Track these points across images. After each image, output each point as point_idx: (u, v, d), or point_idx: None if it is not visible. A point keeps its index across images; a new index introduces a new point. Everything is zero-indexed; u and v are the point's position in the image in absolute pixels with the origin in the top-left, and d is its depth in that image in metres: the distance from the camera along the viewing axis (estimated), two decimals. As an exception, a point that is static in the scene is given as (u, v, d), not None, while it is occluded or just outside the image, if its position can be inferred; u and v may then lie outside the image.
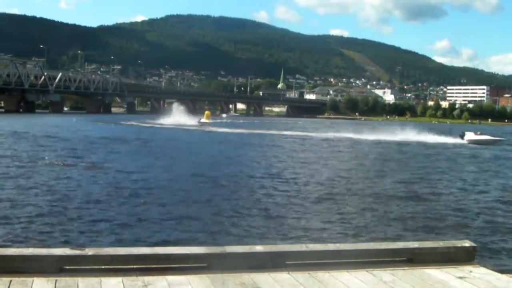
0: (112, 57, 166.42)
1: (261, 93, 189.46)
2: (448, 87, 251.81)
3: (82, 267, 3.74)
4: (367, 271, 4.08)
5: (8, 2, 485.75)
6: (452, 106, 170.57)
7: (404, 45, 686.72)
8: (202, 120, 63.61)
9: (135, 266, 3.82)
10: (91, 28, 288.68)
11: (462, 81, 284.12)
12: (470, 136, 42.16)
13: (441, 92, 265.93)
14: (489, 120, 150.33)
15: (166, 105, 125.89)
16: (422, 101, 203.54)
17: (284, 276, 3.88)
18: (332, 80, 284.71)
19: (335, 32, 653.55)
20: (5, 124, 43.29)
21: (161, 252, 4.00)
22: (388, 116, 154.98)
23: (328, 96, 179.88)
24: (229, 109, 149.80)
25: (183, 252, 4.05)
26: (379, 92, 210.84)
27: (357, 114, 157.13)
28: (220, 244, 6.11)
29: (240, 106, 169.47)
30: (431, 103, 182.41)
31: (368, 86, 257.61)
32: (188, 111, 77.21)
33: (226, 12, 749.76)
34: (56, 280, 3.53)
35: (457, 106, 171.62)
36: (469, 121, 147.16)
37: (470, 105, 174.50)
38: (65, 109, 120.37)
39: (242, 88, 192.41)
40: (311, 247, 4.50)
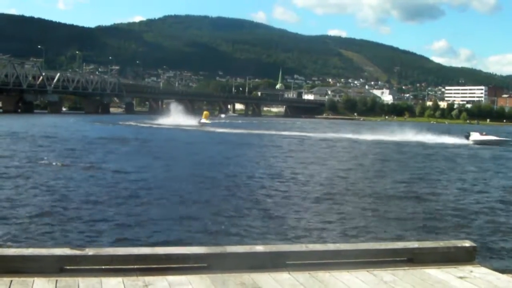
0: (110, 58, 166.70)
1: (259, 93, 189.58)
2: (446, 87, 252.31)
3: (83, 267, 3.74)
4: (367, 271, 4.08)
5: (6, 3, 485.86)
6: (451, 106, 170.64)
7: (402, 46, 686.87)
8: (203, 120, 63.70)
9: (135, 266, 3.82)
10: (89, 29, 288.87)
11: (460, 81, 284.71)
12: (475, 137, 41.55)
13: (439, 92, 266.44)
14: (487, 120, 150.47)
15: (164, 106, 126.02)
16: (420, 101, 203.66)
17: (284, 276, 3.88)
18: (330, 80, 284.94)
19: (333, 32, 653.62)
20: (3, 125, 43.24)
21: (161, 252, 4.00)
22: (387, 117, 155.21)
23: (327, 97, 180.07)
24: (227, 109, 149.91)
25: (184, 252, 4.05)
26: (377, 92, 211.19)
27: (355, 114, 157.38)
28: (220, 244, 6.10)
29: (239, 106, 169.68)
30: (429, 103, 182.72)
31: (367, 87, 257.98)
32: (186, 112, 77.25)
33: (224, 13, 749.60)
34: (56, 280, 3.53)
35: (455, 106, 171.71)
36: (468, 121, 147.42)
37: (468, 105, 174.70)
38: (64, 109, 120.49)
39: (241, 89, 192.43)
40: (311, 247, 4.50)
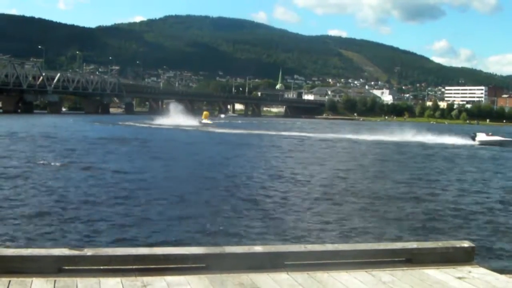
0: (110, 58, 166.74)
1: (259, 93, 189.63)
2: (446, 88, 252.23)
3: (81, 267, 3.73)
4: (366, 271, 4.07)
5: (7, 3, 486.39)
6: (450, 106, 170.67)
7: (402, 46, 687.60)
8: (204, 120, 64.31)
9: (134, 267, 3.81)
10: (89, 29, 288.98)
11: (460, 81, 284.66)
12: (481, 137, 41.17)
13: (439, 92, 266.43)
14: (487, 120, 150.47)
15: (164, 106, 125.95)
16: (420, 101, 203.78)
17: (283, 276, 3.88)
18: (330, 80, 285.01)
19: (333, 32, 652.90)
20: (3, 125, 43.25)
21: (160, 252, 4.00)
22: (386, 117, 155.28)
23: (327, 97, 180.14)
24: (227, 110, 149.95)
25: (182, 253, 4.04)
26: (377, 92, 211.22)
27: (355, 114, 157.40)
28: (219, 245, 6.12)
29: (238, 106, 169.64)
30: (429, 103, 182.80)
31: (366, 87, 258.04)
32: (186, 112, 77.29)
33: (225, 13, 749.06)
34: (55, 281, 3.53)
35: (455, 106, 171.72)
36: (467, 121, 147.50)
37: (468, 106, 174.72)
38: (63, 109, 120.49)
39: (241, 89, 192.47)
40: (310, 247, 4.50)
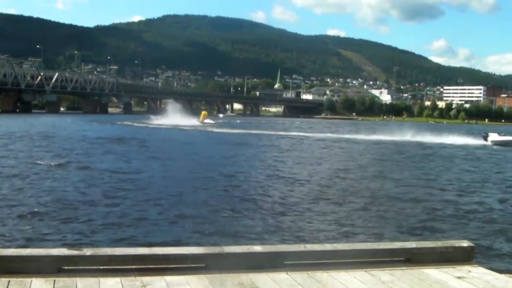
0: (108, 57, 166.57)
1: (258, 93, 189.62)
2: (445, 87, 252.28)
3: (81, 267, 3.73)
4: (365, 271, 4.08)
5: (5, 2, 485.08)
6: (449, 106, 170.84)
7: (401, 45, 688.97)
8: (206, 120, 65.00)
9: (133, 267, 3.81)
10: (87, 28, 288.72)
11: (459, 81, 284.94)
12: (494, 137, 40.63)
13: (438, 92, 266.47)
14: (486, 120, 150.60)
15: (163, 105, 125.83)
16: (419, 101, 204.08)
17: (282, 276, 3.88)
18: (329, 80, 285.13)
19: (332, 32, 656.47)
20: (1, 124, 43.16)
21: (159, 252, 3.99)
22: (385, 116, 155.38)
23: (325, 96, 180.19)
24: (225, 109, 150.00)
25: (181, 253, 4.04)
26: (376, 92, 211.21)
27: (354, 114, 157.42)
28: (218, 244, 6.12)
29: (237, 106, 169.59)
30: (428, 103, 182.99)
31: (365, 86, 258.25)
32: (184, 111, 77.37)
33: (223, 12, 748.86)
34: (54, 281, 3.52)
35: (454, 106, 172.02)
36: (466, 121, 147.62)
37: (467, 105, 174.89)
38: (62, 109, 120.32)
39: (239, 88, 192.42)
40: (309, 247, 4.50)
